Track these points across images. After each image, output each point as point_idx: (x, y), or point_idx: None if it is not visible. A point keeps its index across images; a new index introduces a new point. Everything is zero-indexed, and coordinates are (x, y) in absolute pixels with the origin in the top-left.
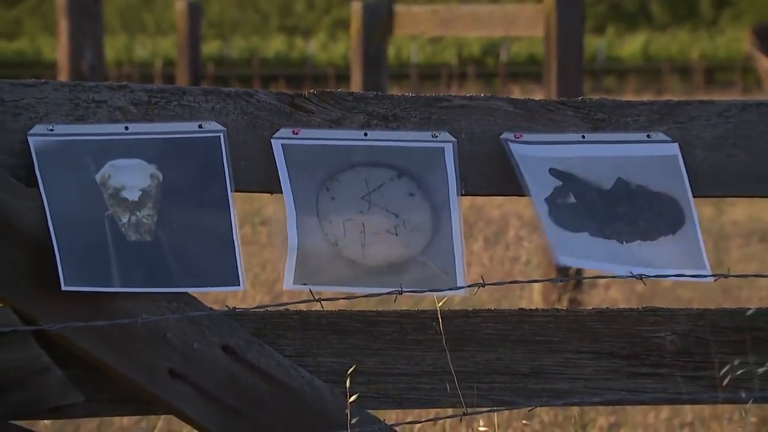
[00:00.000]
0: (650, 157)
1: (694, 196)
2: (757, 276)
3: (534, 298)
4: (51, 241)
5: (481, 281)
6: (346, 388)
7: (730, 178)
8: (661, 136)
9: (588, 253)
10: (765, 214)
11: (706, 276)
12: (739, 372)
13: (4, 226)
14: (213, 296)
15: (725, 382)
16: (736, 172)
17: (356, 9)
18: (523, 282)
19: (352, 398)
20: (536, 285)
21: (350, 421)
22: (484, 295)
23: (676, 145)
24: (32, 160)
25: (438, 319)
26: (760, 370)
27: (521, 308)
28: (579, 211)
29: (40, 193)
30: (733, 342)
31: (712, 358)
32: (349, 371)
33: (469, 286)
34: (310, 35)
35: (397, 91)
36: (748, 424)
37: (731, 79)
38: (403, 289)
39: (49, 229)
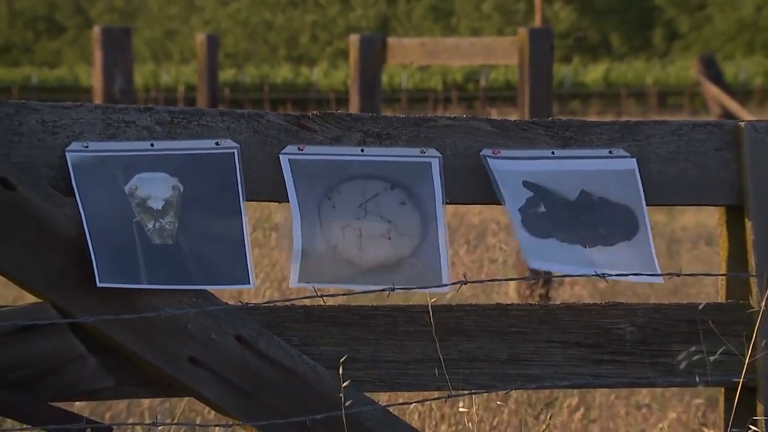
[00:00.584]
0: (611, 171)
1: (649, 205)
2: (704, 275)
3: (510, 294)
4: (86, 244)
5: (464, 279)
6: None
7: (681, 189)
8: (621, 152)
9: (556, 257)
10: (711, 220)
11: (658, 275)
12: (693, 359)
13: (43, 231)
14: (228, 292)
15: (681, 367)
16: (687, 183)
17: (354, 41)
18: (500, 280)
19: (345, 383)
20: (512, 283)
21: (345, 402)
22: (467, 292)
23: (635, 160)
24: (69, 173)
25: (426, 312)
26: (711, 357)
27: (498, 303)
28: (548, 219)
29: (76, 202)
30: (685, 333)
31: (666, 347)
32: (342, 359)
33: (453, 284)
34: (314, 64)
35: (389, 113)
36: (699, 404)
37: (681, 103)
38: (395, 287)
39: (84, 233)
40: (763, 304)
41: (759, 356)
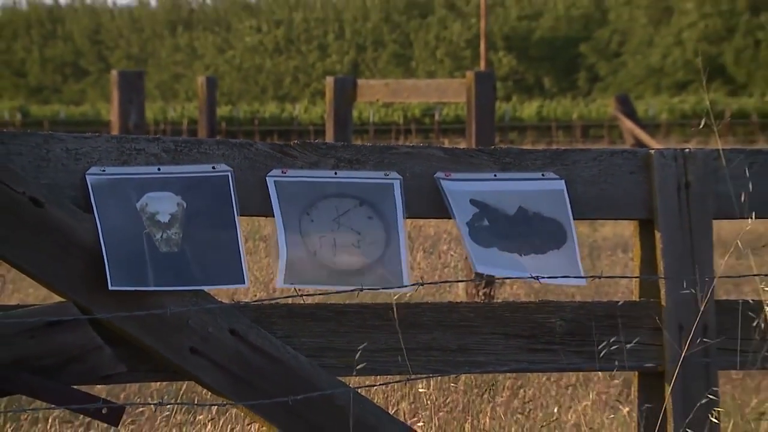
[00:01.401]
0: (543, 191)
1: (575, 219)
2: (621, 277)
3: (459, 294)
4: (102, 252)
5: (421, 281)
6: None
7: (601, 206)
8: (552, 175)
9: (498, 263)
10: (626, 231)
11: (582, 277)
12: (612, 347)
13: (67, 242)
14: (224, 292)
15: (601, 355)
16: (606, 201)
17: (330, 82)
18: (451, 282)
19: (321, 369)
20: (461, 284)
21: (321, 385)
22: (424, 292)
23: (563, 181)
24: (89, 192)
25: (390, 309)
26: (627, 346)
27: (450, 302)
28: (491, 231)
29: (94, 217)
30: (605, 326)
31: (590, 338)
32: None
33: (412, 285)
34: (296, 101)
35: (359, 142)
36: (616, 385)
37: (601, 134)
38: (364, 287)
39: (100, 243)
40: (669, 301)
41: (666, 345)
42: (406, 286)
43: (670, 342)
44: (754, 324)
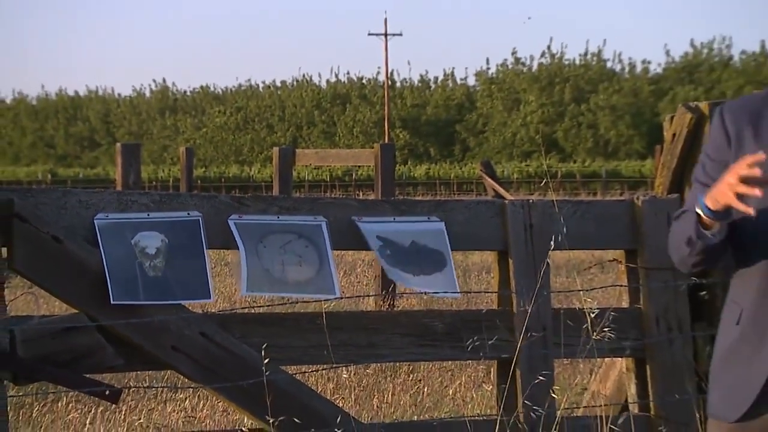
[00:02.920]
0: (429, 230)
1: (452, 250)
2: (485, 292)
3: (370, 304)
4: (106, 276)
5: (342, 295)
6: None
7: (471, 240)
8: (435, 218)
9: (402, 279)
10: (489, 258)
11: (458, 292)
12: (477, 343)
13: (80, 269)
14: (196, 305)
15: (469, 348)
16: (475, 237)
17: (276, 151)
18: (364, 296)
19: (267, 360)
20: (371, 297)
21: (266, 372)
22: (344, 303)
23: (443, 223)
24: (96, 232)
25: (319, 316)
26: (489, 342)
27: (362, 310)
28: (393, 258)
29: (100, 250)
30: (473, 327)
31: (463, 336)
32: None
33: (338, 297)
34: (252, 165)
35: (297, 195)
36: (482, 370)
37: (471, 189)
38: (305, 295)
39: (104, 270)
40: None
41: (516, 341)
42: (335, 298)
43: (520, 339)
44: (579, 325)
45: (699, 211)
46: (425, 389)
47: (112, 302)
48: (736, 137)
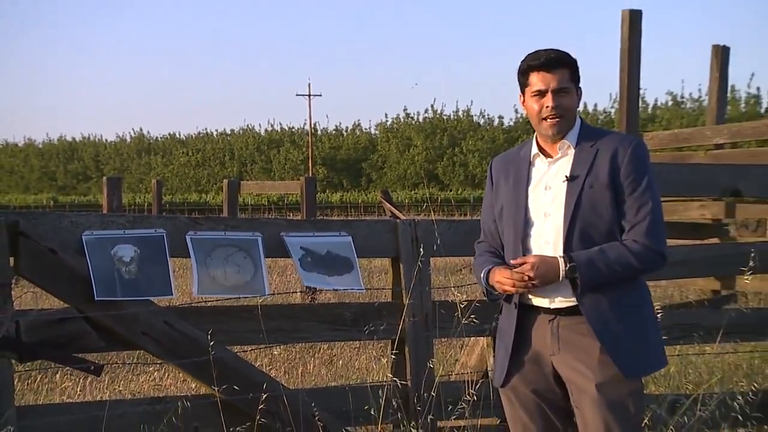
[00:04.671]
0: (340, 242)
1: (358, 257)
2: (383, 288)
3: (297, 298)
4: (91, 279)
5: (274, 292)
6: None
7: (372, 250)
8: (345, 233)
9: (317, 281)
10: (386, 263)
11: (363, 288)
12: (372, 327)
13: (71, 274)
14: (161, 301)
15: (366, 331)
16: (375, 247)
17: (225, 182)
18: (292, 292)
19: (213, 342)
20: (298, 294)
21: (212, 351)
22: (277, 297)
23: (350, 237)
24: (83, 245)
25: (256, 308)
26: (382, 326)
27: (290, 303)
28: (313, 264)
29: (86, 259)
30: (373, 315)
31: (365, 322)
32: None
33: (270, 294)
34: (208, 193)
35: (242, 216)
36: (380, 347)
37: (374, 211)
38: (240, 295)
39: (90, 274)
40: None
41: (406, 325)
42: (267, 294)
43: (408, 323)
44: (452, 313)
45: (484, 286)
46: (338, 362)
47: (96, 299)
48: (496, 183)
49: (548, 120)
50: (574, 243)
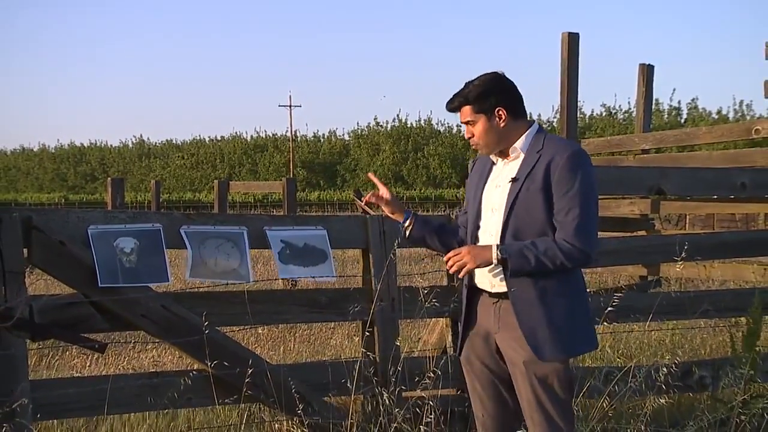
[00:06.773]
0: (317, 235)
1: (332, 248)
2: (356, 276)
3: (279, 284)
4: (95, 267)
5: (257, 279)
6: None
7: (345, 241)
8: (321, 228)
9: (293, 272)
10: (357, 253)
11: (335, 276)
12: (350, 309)
13: (78, 263)
14: (159, 287)
15: (342, 313)
16: (347, 239)
17: (216, 183)
18: (275, 279)
19: (206, 323)
20: (280, 280)
21: (206, 332)
22: (261, 284)
23: (326, 231)
24: (89, 238)
25: (243, 293)
26: (356, 309)
27: (272, 289)
28: (292, 255)
29: (91, 250)
30: (347, 300)
31: (340, 305)
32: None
33: (254, 281)
34: (201, 192)
35: (230, 212)
36: (353, 328)
37: (347, 208)
38: (229, 282)
39: (95, 263)
40: (377, 286)
41: (375, 308)
42: (251, 282)
43: (377, 306)
44: (416, 297)
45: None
46: (316, 341)
47: (100, 285)
48: (470, 178)
49: (472, 144)
50: (507, 238)
